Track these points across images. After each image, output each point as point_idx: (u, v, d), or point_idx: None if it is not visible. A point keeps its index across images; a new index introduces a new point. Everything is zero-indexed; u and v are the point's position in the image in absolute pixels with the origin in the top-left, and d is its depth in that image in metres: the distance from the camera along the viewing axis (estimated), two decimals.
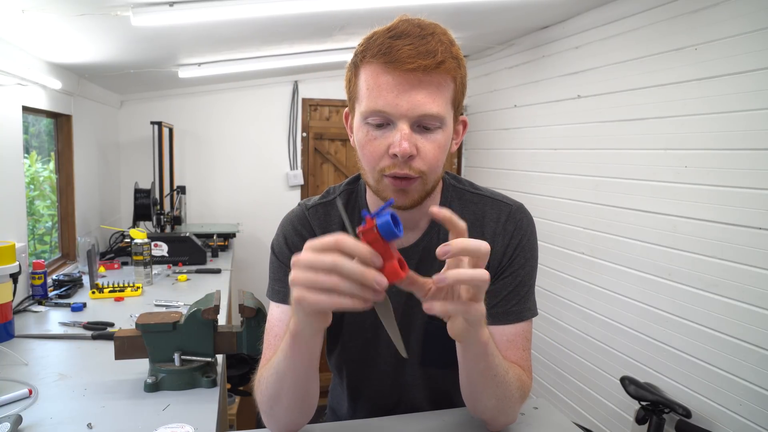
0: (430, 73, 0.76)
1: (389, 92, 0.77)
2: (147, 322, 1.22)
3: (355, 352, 1.02)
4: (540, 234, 3.00)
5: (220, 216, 3.73)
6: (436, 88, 0.77)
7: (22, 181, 2.09)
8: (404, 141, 0.77)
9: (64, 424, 1.09)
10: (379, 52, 0.76)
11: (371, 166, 0.82)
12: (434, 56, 0.75)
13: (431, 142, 0.80)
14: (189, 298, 1.96)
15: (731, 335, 1.79)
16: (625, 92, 2.25)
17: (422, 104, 0.77)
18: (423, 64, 0.75)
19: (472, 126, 3.73)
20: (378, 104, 0.77)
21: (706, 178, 1.89)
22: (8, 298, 1.63)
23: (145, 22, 1.72)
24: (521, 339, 0.93)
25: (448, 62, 0.77)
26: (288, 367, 0.80)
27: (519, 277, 0.93)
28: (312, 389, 0.86)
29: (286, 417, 0.88)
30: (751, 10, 1.71)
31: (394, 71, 0.76)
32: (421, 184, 0.82)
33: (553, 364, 2.79)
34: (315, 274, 0.61)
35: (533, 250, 0.96)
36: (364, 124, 0.81)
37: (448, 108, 0.80)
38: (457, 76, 0.80)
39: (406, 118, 0.77)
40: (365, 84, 0.79)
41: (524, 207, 0.98)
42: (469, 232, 0.95)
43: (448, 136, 0.82)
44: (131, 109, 3.54)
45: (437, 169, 0.83)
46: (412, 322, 0.98)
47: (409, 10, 0.82)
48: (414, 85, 0.76)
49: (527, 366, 0.93)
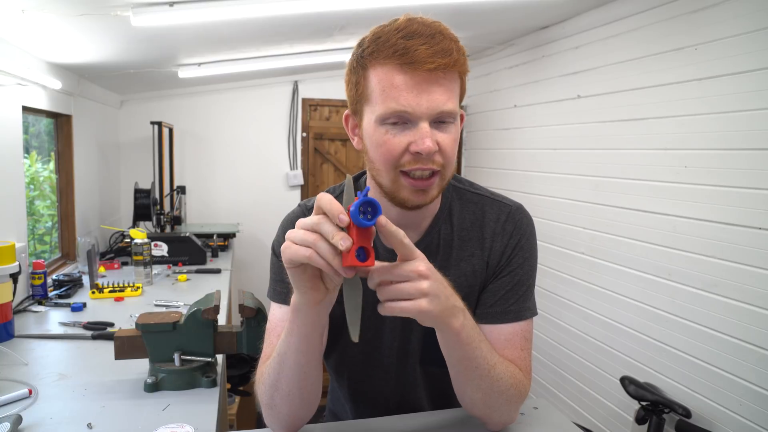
0: (446, 71, 0.78)
1: (409, 92, 0.78)
2: (147, 322, 1.22)
3: (357, 352, 1.02)
4: (540, 234, 2.99)
5: (220, 216, 3.73)
6: (450, 84, 0.80)
7: (22, 181, 2.09)
8: (428, 139, 0.79)
9: (64, 424, 1.10)
10: (395, 53, 0.77)
11: (390, 164, 0.82)
12: (450, 55, 0.77)
13: (448, 135, 0.82)
14: (189, 298, 1.96)
15: (731, 335, 1.79)
16: (625, 92, 2.25)
17: (441, 102, 0.79)
18: (442, 63, 0.77)
19: (472, 126, 3.73)
20: (399, 105, 0.78)
21: (705, 178, 1.89)
22: (8, 298, 1.63)
23: (145, 22, 1.72)
24: (519, 338, 0.93)
25: (461, 60, 0.80)
26: (289, 345, 0.81)
27: (517, 276, 0.94)
28: (312, 376, 0.85)
29: (286, 407, 0.87)
30: (751, 10, 1.71)
31: (413, 71, 0.77)
32: (440, 179, 0.84)
33: (553, 364, 2.79)
34: (303, 232, 0.68)
35: (532, 250, 0.96)
36: (381, 125, 0.82)
37: (457, 103, 0.83)
38: (464, 72, 0.83)
39: (426, 116, 0.79)
40: (380, 85, 0.80)
41: (523, 208, 0.99)
42: (469, 231, 0.96)
43: (458, 131, 0.85)
44: (131, 109, 3.54)
45: (453, 161, 0.85)
46: (411, 321, 0.97)
47: (409, 10, 0.82)
48: (432, 84, 0.78)
49: (525, 366, 0.93)
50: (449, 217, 0.97)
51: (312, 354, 0.83)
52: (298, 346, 0.80)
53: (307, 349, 0.81)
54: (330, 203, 0.66)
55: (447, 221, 0.96)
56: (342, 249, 0.65)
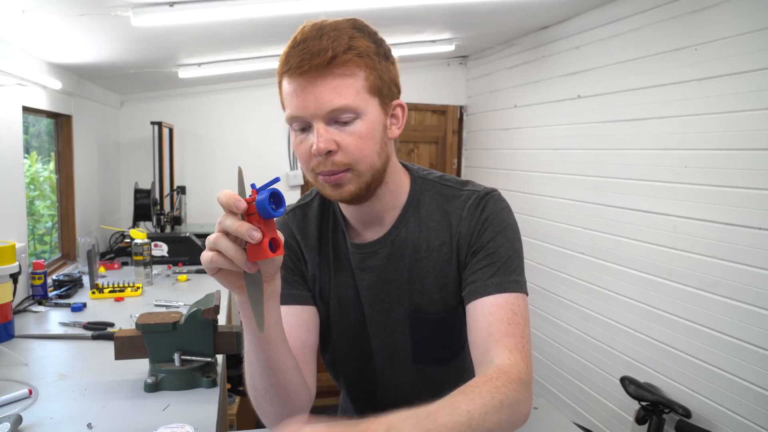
0: (328, 70, 0.79)
1: (296, 98, 0.81)
2: (147, 323, 1.22)
3: (347, 350, 1.02)
4: (540, 234, 2.96)
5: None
6: (339, 81, 0.80)
7: (22, 181, 2.09)
8: (319, 139, 0.80)
9: (64, 424, 1.10)
10: (283, 63, 0.81)
11: (305, 167, 0.86)
12: (324, 54, 0.78)
13: (350, 134, 0.82)
14: (189, 298, 1.96)
15: (731, 335, 1.79)
16: (625, 92, 2.25)
17: (327, 101, 0.79)
18: (314, 64, 0.78)
19: (472, 126, 3.73)
20: (292, 110, 0.82)
21: (705, 178, 1.89)
22: (8, 298, 1.63)
23: (145, 23, 1.73)
24: (504, 311, 0.84)
25: (343, 55, 0.79)
26: (249, 343, 0.80)
27: (491, 249, 0.89)
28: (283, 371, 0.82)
29: (269, 405, 0.85)
30: (751, 10, 1.71)
31: (293, 77, 0.80)
32: (354, 175, 0.84)
33: (553, 364, 2.79)
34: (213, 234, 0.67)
35: (504, 224, 0.91)
36: (292, 131, 0.86)
37: (361, 97, 0.82)
38: (362, 65, 0.81)
39: (318, 117, 0.80)
40: (283, 94, 0.84)
41: (495, 192, 0.95)
42: (438, 222, 0.95)
43: (370, 125, 0.83)
44: (131, 109, 3.54)
45: (366, 158, 0.83)
46: (394, 318, 0.97)
47: (408, 11, 0.83)
48: (313, 84, 0.79)
49: (514, 345, 0.81)
50: (417, 210, 0.95)
51: (273, 350, 0.80)
52: (255, 342, 0.79)
53: (266, 345, 0.79)
54: (226, 196, 0.65)
55: (414, 214, 0.95)
56: (252, 242, 0.63)
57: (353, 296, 0.98)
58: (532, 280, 2.92)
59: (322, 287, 0.99)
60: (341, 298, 0.99)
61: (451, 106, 3.84)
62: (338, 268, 0.98)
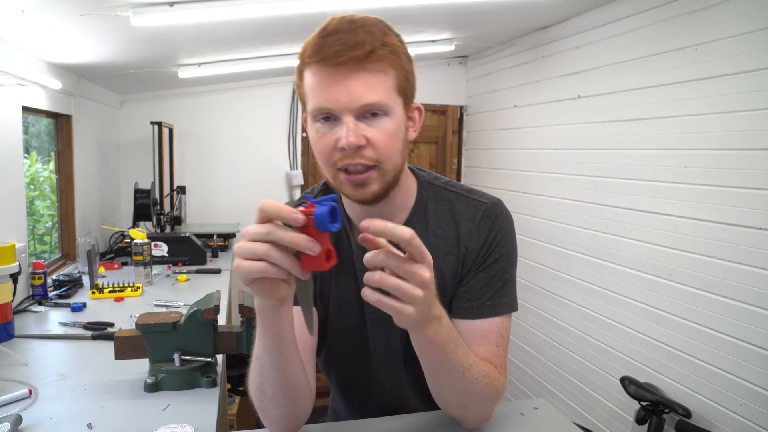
0: (363, 64, 0.78)
1: (327, 88, 0.79)
2: (147, 323, 1.22)
3: (342, 351, 1.02)
4: (540, 234, 2.96)
5: (220, 216, 3.72)
6: (373, 77, 0.79)
7: (22, 181, 2.09)
8: (349, 133, 0.78)
9: (64, 424, 1.09)
10: (314, 53, 0.79)
11: (325, 161, 0.84)
12: (363, 47, 0.77)
13: (379, 130, 0.81)
14: (189, 298, 1.96)
15: (731, 335, 1.79)
16: (625, 92, 2.25)
17: (361, 95, 0.78)
18: (353, 56, 0.77)
19: (472, 126, 3.73)
20: (320, 102, 0.80)
21: (705, 178, 1.89)
22: (8, 298, 1.63)
23: (145, 22, 1.72)
24: (495, 335, 0.91)
25: (380, 51, 0.78)
26: (264, 347, 0.80)
27: (492, 271, 0.93)
28: (294, 374, 0.83)
29: (276, 408, 0.86)
30: (751, 10, 1.71)
31: (327, 67, 0.78)
32: (379, 174, 0.83)
33: (553, 364, 2.79)
34: (252, 243, 0.65)
35: (509, 245, 0.95)
36: (314, 123, 0.83)
37: (391, 96, 0.81)
38: (394, 64, 0.81)
39: (348, 110, 0.79)
40: (308, 85, 0.82)
41: (501, 203, 0.97)
42: (445, 230, 0.95)
43: (397, 124, 0.83)
44: (131, 109, 3.54)
45: (392, 157, 0.83)
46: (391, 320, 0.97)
47: (408, 11, 0.83)
48: (348, 77, 0.78)
49: (500, 363, 0.91)
50: (424, 215, 0.96)
51: (288, 352, 0.81)
52: (272, 346, 0.79)
53: (281, 348, 0.79)
54: (276, 209, 0.64)
55: (422, 219, 0.96)
56: (312, 254, 0.63)
57: (354, 298, 0.98)
58: (532, 280, 2.92)
59: (323, 288, 0.99)
60: (342, 300, 0.99)
61: (451, 106, 3.84)
62: (340, 270, 0.97)
